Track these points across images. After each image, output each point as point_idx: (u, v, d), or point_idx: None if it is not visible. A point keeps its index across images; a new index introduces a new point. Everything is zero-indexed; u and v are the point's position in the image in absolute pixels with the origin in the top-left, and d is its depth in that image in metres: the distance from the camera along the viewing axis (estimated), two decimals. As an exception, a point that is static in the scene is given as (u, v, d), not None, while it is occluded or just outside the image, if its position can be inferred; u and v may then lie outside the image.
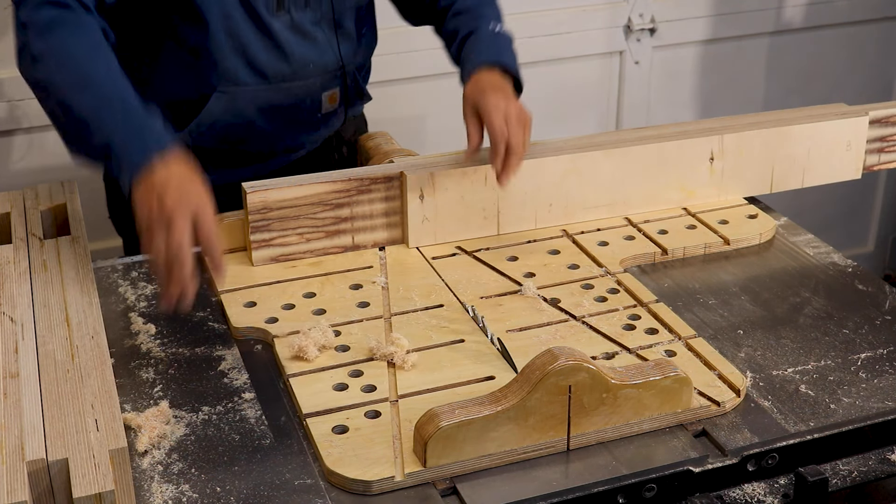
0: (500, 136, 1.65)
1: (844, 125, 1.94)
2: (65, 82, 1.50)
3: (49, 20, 1.52)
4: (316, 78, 1.86)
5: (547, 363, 1.28)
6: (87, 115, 1.49)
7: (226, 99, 1.79)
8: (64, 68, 1.51)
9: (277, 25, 1.77)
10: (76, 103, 1.50)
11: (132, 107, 1.49)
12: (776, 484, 1.33)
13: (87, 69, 1.51)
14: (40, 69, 1.52)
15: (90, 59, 1.52)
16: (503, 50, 1.79)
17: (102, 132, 1.47)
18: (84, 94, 1.49)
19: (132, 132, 1.47)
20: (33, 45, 1.52)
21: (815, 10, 3.11)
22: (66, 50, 1.51)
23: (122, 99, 1.50)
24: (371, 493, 1.26)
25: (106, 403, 1.28)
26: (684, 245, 1.79)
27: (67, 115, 1.51)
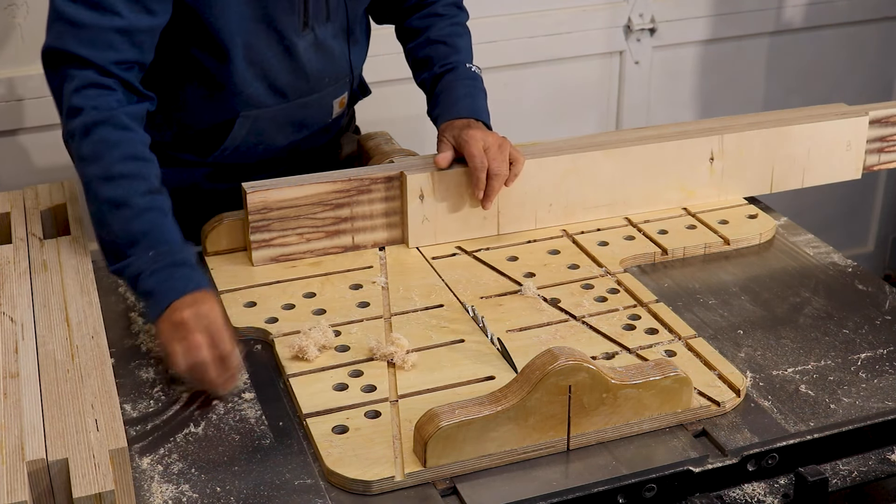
0: (480, 166, 1.71)
1: (844, 125, 1.94)
2: (104, 195, 1.51)
3: (97, 118, 1.52)
4: (329, 88, 1.87)
5: (547, 363, 1.28)
6: (120, 240, 1.50)
7: (249, 122, 1.79)
8: (106, 182, 1.51)
9: (302, 45, 1.77)
10: (112, 222, 1.50)
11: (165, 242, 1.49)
12: (776, 484, 1.33)
13: (127, 187, 1.51)
14: (85, 170, 1.53)
15: (132, 175, 1.52)
16: (478, 100, 1.85)
17: (134, 264, 1.48)
18: (119, 215, 1.50)
19: (162, 276, 1.46)
20: (80, 142, 1.53)
21: (815, 10, 3.11)
22: (110, 161, 1.51)
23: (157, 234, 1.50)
24: (371, 493, 1.26)
25: (106, 403, 1.28)
26: (684, 245, 1.79)
27: (102, 227, 1.52)
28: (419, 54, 1.93)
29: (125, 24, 1.55)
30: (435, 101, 1.87)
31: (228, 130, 1.79)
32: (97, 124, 1.53)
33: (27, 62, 2.41)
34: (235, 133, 1.79)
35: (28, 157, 2.48)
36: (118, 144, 1.53)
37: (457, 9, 1.96)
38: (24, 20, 2.37)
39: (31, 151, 2.48)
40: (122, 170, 1.51)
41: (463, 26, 1.95)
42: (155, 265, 1.47)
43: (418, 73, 1.94)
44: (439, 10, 1.94)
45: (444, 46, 1.90)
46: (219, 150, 1.82)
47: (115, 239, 1.50)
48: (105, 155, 1.52)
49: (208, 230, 1.74)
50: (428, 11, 1.94)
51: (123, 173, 1.51)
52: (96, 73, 1.55)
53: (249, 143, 1.83)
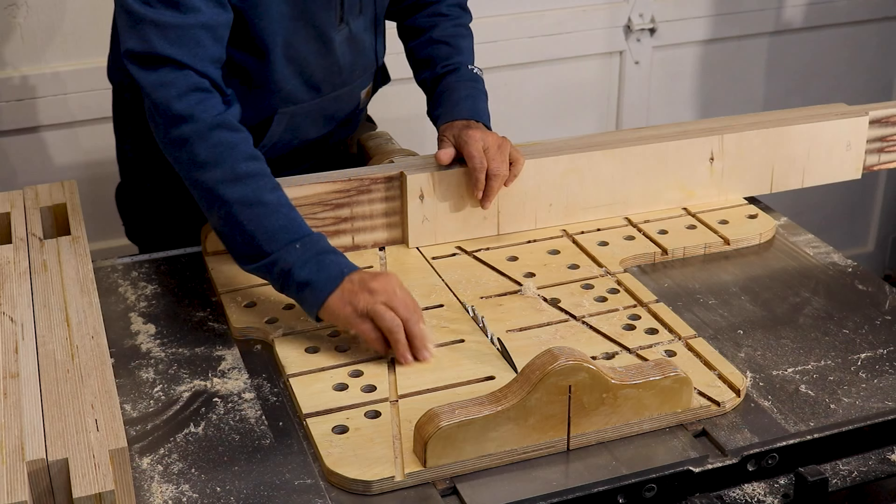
0: (480, 166, 1.71)
1: (844, 125, 1.94)
2: (234, 197, 1.52)
3: (210, 123, 1.53)
4: (359, 80, 1.89)
5: (547, 363, 1.28)
6: (260, 237, 1.51)
7: (286, 119, 1.80)
8: (233, 183, 1.52)
9: (338, 40, 1.78)
10: (245, 221, 1.52)
11: (305, 234, 1.52)
12: (776, 484, 1.33)
13: (255, 186, 1.53)
14: (205, 176, 1.53)
15: (256, 174, 1.54)
16: (478, 102, 1.85)
17: (283, 261, 1.50)
18: (252, 213, 1.52)
19: (314, 266, 1.49)
20: (196, 147, 1.53)
21: (815, 10, 3.11)
22: (232, 163, 1.53)
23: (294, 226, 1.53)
24: (371, 493, 1.26)
25: (106, 403, 1.28)
26: (684, 245, 1.79)
27: (233, 227, 1.53)
28: (421, 54, 1.93)
29: (207, 19, 1.56)
30: (436, 101, 1.87)
31: (267, 128, 1.79)
32: (212, 129, 1.53)
33: (27, 62, 2.41)
34: (273, 130, 1.80)
35: (28, 156, 2.48)
36: (237, 145, 1.54)
37: (460, 10, 1.97)
38: (24, 20, 2.38)
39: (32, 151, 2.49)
40: (247, 169, 1.53)
41: (466, 28, 1.96)
42: (305, 256, 1.50)
43: (419, 72, 1.94)
44: (443, 10, 1.94)
45: (447, 47, 1.90)
46: (258, 147, 1.81)
47: (252, 238, 1.52)
48: (227, 157, 1.53)
49: (208, 230, 1.73)
50: (431, 11, 1.94)
51: (249, 172, 1.53)
52: (194, 75, 1.55)
53: (286, 140, 1.84)
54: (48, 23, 2.40)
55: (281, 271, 1.50)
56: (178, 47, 1.54)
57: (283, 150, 1.86)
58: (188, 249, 1.81)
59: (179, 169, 1.57)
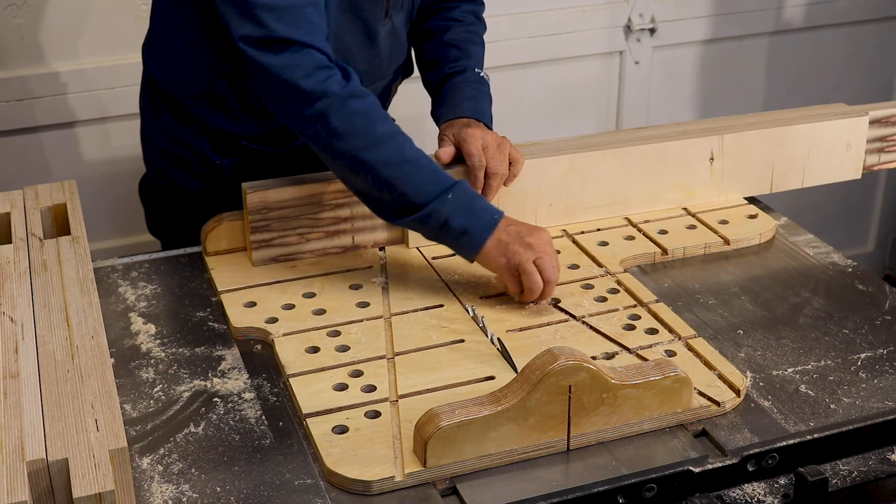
0: (479, 164, 1.71)
1: (844, 125, 1.94)
2: (377, 159, 1.58)
3: (344, 95, 1.58)
4: (395, 73, 1.92)
5: (547, 363, 1.28)
6: (411, 193, 1.58)
7: None
8: (375, 148, 1.58)
9: (382, 33, 1.81)
10: (394, 179, 1.58)
11: (453, 184, 1.59)
12: (776, 484, 1.33)
13: (395, 146, 1.59)
14: (346, 145, 1.58)
15: (394, 134, 1.60)
16: (481, 103, 1.85)
17: (438, 213, 1.58)
18: (401, 172, 1.58)
19: (468, 214, 1.59)
20: (333, 122, 1.57)
21: (815, 10, 3.11)
22: (370, 128, 1.59)
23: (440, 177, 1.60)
24: (371, 493, 1.26)
25: (106, 403, 1.28)
26: (684, 245, 1.79)
27: (384, 188, 1.59)
28: (430, 55, 1.94)
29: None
30: (439, 100, 1.87)
31: None
32: (345, 100, 1.58)
33: (27, 62, 2.41)
34: None
35: (28, 156, 2.48)
36: (368, 111, 1.60)
37: (475, 18, 1.98)
38: (24, 20, 2.38)
39: (32, 151, 2.49)
40: (384, 131, 1.59)
41: (478, 35, 1.97)
42: (458, 206, 1.58)
43: (427, 73, 1.94)
44: (457, 15, 1.96)
45: (457, 50, 1.91)
46: (300, 140, 1.83)
47: (403, 195, 1.58)
48: (363, 124, 1.58)
49: (208, 230, 1.74)
50: (445, 16, 1.95)
51: (387, 134, 1.60)
52: (316, 53, 1.59)
53: None
54: (48, 23, 2.40)
55: (437, 222, 1.58)
56: (294, 28, 1.57)
57: None
58: (188, 249, 1.81)
59: (316, 143, 1.61)
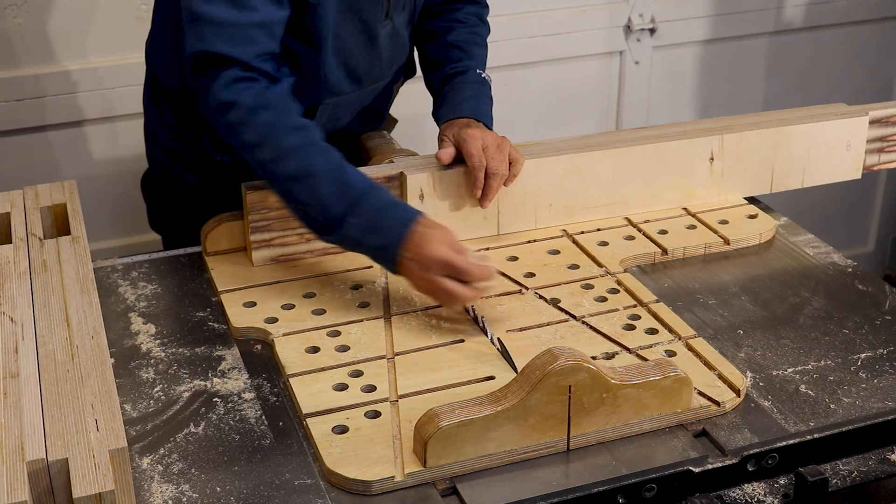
0: (479, 164, 1.71)
1: (844, 125, 1.94)
2: (285, 173, 1.56)
3: (252, 104, 1.57)
4: (396, 74, 1.93)
5: (547, 363, 1.28)
6: (319, 211, 1.56)
7: (329, 109, 1.83)
8: (282, 160, 1.56)
9: (382, 34, 1.81)
10: (299, 194, 1.57)
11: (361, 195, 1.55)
12: (776, 484, 1.33)
13: (302, 157, 1.56)
14: (255, 156, 1.59)
15: (302, 145, 1.58)
16: (482, 103, 1.85)
17: (346, 234, 1.55)
18: (305, 186, 1.56)
19: (377, 232, 1.54)
20: (241, 130, 1.58)
21: (815, 10, 3.11)
22: (277, 139, 1.57)
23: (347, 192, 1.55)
24: (371, 493, 1.26)
25: (106, 403, 1.28)
26: (684, 245, 1.79)
27: (295, 202, 1.58)
28: (432, 56, 1.95)
29: (262, 17, 1.60)
30: (440, 100, 1.88)
31: (311, 118, 1.82)
32: (253, 111, 1.57)
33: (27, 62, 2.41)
34: (317, 120, 1.82)
35: (28, 156, 2.48)
36: (278, 123, 1.58)
37: (478, 19, 1.99)
38: (24, 20, 2.38)
39: (32, 151, 2.49)
40: (290, 143, 1.57)
41: (482, 37, 1.98)
42: (363, 226, 1.54)
43: (428, 74, 1.95)
44: (461, 17, 1.97)
45: (459, 51, 1.92)
46: None
47: (312, 210, 1.56)
48: (270, 136, 1.57)
49: (208, 230, 1.74)
50: (449, 17, 1.96)
51: (294, 146, 1.57)
52: (241, 70, 1.59)
53: (326, 130, 1.86)
54: (49, 23, 2.40)
55: (351, 245, 1.57)
56: (230, 45, 1.58)
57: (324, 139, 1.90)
58: (188, 249, 1.81)
59: (239, 153, 1.61)
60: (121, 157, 2.54)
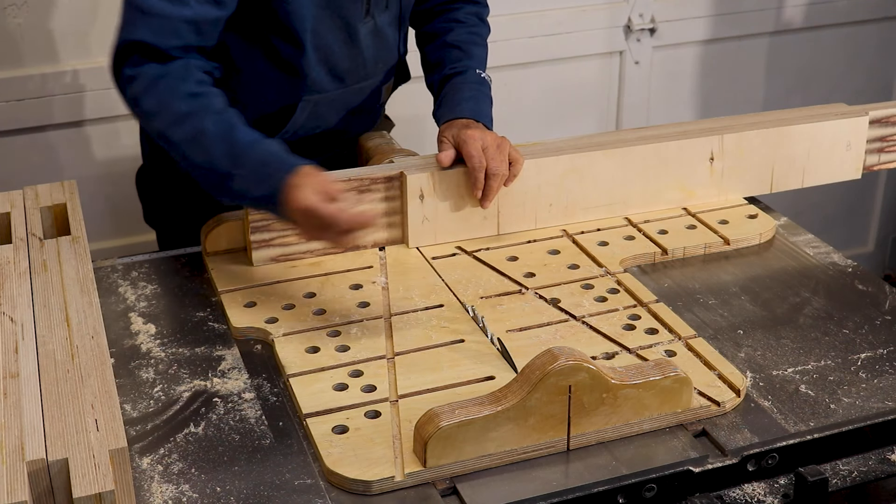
0: (479, 165, 1.71)
1: (844, 125, 1.94)
2: (179, 138, 1.58)
3: (152, 75, 1.59)
4: (382, 74, 1.93)
5: (547, 363, 1.28)
6: (207, 168, 1.57)
7: (310, 106, 1.84)
8: (176, 126, 1.58)
9: (363, 32, 1.82)
10: (196, 157, 1.57)
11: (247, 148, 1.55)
12: (776, 484, 1.33)
13: (196, 122, 1.57)
14: (154, 125, 1.61)
15: (197, 110, 1.58)
16: (481, 104, 1.86)
17: (235, 182, 1.54)
18: (199, 149, 1.57)
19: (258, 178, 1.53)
20: (142, 101, 1.60)
21: (815, 10, 3.11)
22: (172, 105, 1.58)
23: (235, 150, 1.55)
24: (371, 493, 1.26)
25: (106, 403, 1.28)
26: (684, 245, 1.79)
27: (192, 166, 1.59)
28: (433, 57, 1.96)
29: (193, 14, 1.61)
30: (440, 101, 1.89)
31: (291, 114, 1.84)
32: (153, 80, 1.59)
33: (27, 62, 2.41)
34: (297, 117, 1.83)
35: (29, 156, 2.48)
36: (174, 89, 1.59)
37: (478, 19, 1.99)
38: (24, 20, 2.38)
39: (32, 151, 2.49)
40: (187, 109, 1.58)
41: (481, 37, 1.98)
42: (250, 178, 1.53)
43: (429, 74, 1.96)
44: (460, 17, 1.97)
45: (458, 51, 1.92)
46: (280, 133, 1.86)
47: (206, 172, 1.57)
48: (166, 102, 1.58)
49: (208, 230, 1.74)
50: (448, 17, 1.97)
51: (189, 111, 1.57)
52: (156, 54, 1.61)
53: (308, 127, 1.88)
54: (49, 23, 2.40)
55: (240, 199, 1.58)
56: (153, 35, 1.59)
57: (306, 137, 1.90)
58: (188, 249, 1.81)
59: (145, 127, 1.65)
60: (121, 157, 2.54)
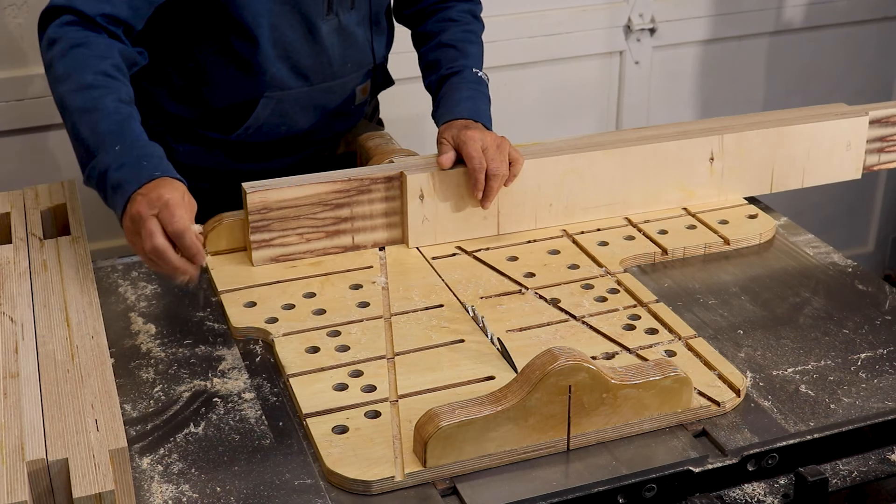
0: (479, 166, 1.71)
1: (844, 125, 1.94)
2: (75, 105, 1.55)
3: (73, 42, 1.58)
4: (352, 74, 1.92)
5: (547, 363, 1.28)
6: (90, 142, 1.53)
7: (272, 103, 1.84)
8: (77, 93, 1.55)
9: (325, 29, 1.82)
10: (81, 128, 1.54)
11: (132, 139, 1.53)
12: (776, 484, 1.33)
13: (97, 95, 1.55)
14: (59, 89, 1.58)
15: (102, 86, 1.56)
16: (479, 103, 1.85)
17: (102, 161, 1.51)
18: (89, 120, 1.54)
19: (128, 170, 1.50)
20: (56, 64, 1.58)
21: (815, 10, 3.11)
22: (82, 74, 1.56)
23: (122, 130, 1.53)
24: (371, 493, 1.26)
25: (106, 403, 1.28)
26: (684, 245, 1.79)
27: (76, 138, 1.56)
28: (429, 57, 1.95)
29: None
30: (438, 102, 1.88)
31: (252, 110, 1.84)
32: (73, 47, 1.58)
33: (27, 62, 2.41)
34: (259, 113, 1.84)
35: (28, 157, 2.48)
36: (89, 60, 1.57)
37: (472, 17, 1.99)
38: (24, 20, 2.38)
39: (32, 151, 2.49)
40: (93, 82, 1.55)
41: (476, 35, 1.97)
42: (122, 159, 1.50)
43: (426, 75, 1.96)
44: (454, 15, 1.97)
45: (454, 50, 1.92)
46: (242, 129, 1.86)
47: (86, 144, 1.53)
48: (78, 70, 1.56)
49: (208, 230, 1.74)
50: (442, 16, 1.96)
51: (94, 84, 1.55)
52: (82, 20, 1.60)
53: (272, 124, 1.88)
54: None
55: (99, 173, 1.51)
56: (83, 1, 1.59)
57: (272, 136, 1.90)
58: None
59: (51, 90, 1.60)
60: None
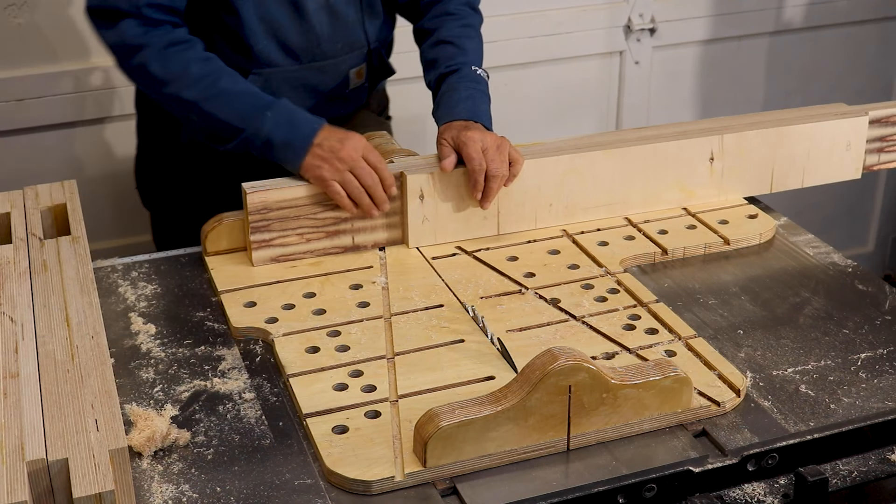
0: (479, 167, 1.71)
1: (844, 125, 1.94)
2: (200, 97, 1.70)
3: (163, 43, 1.71)
4: (344, 56, 1.93)
5: (547, 363, 1.28)
6: (233, 119, 1.70)
7: (261, 80, 1.86)
8: (195, 86, 1.71)
9: (311, 6, 1.83)
10: (214, 111, 1.70)
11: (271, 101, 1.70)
12: (776, 484, 1.33)
13: (213, 85, 1.71)
14: (166, 90, 1.72)
15: (213, 73, 1.72)
16: (479, 103, 1.85)
17: (260, 132, 1.69)
18: (219, 104, 1.70)
19: (288, 128, 1.69)
20: (154, 68, 1.71)
21: (815, 10, 3.11)
22: (190, 70, 1.71)
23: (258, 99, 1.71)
24: (371, 493, 1.26)
25: (106, 403, 1.28)
26: (684, 245, 1.79)
27: (209, 121, 1.72)
28: (428, 55, 1.94)
29: None
30: (437, 101, 1.87)
31: None
32: (163, 49, 1.71)
33: (27, 62, 2.41)
34: None
35: (28, 157, 2.48)
36: (184, 56, 1.72)
37: (470, 9, 1.98)
38: (24, 20, 2.38)
39: (31, 151, 2.49)
40: (200, 71, 1.71)
41: (474, 28, 1.96)
42: (277, 121, 1.69)
43: (426, 73, 1.95)
44: (451, 9, 1.96)
45: (452, 47, 1.91)
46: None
47: (226, 122, 1.70)
48: (180, 67, 1.71)
49: (208, 230, 1.74)
50: (439, 11, 1.96)
51: (204, 73, 1.71)
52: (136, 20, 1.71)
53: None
54: (49, 23, 2.40)
55: (262, 141, 1.69)
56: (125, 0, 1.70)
57: None
58: (188, 249, 1.81)
59: (149, 93, 1.76)
60: (121, 157, 2.54)
